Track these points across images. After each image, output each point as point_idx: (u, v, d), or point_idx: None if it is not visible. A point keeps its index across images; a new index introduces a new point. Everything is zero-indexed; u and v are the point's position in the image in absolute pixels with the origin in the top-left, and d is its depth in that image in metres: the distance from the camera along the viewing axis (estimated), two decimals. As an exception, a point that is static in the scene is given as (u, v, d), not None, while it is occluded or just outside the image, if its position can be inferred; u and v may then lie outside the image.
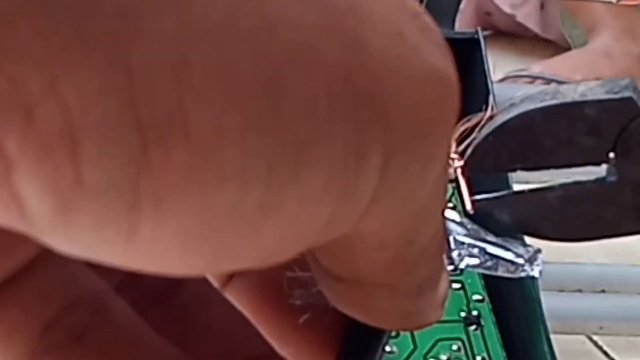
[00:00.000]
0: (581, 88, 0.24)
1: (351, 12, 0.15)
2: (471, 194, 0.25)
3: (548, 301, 0.55)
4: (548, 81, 1.01)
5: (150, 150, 0.13)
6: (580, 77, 1.05)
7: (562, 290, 0.60)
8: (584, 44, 1.14)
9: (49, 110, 0.13)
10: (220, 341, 0.20)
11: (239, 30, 0.14)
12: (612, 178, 0.23)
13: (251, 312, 0.20)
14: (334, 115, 0.14)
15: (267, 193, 0.14)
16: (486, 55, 0.37)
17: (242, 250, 0.15)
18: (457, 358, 0.33)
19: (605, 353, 0.60)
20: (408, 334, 0.33)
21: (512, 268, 0.24)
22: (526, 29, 1.21)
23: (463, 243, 0.24)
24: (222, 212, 0.14)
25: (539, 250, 0.24)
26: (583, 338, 0.61)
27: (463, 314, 0.34)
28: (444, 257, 0.19)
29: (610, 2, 1.08)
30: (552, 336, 0.55)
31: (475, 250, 0.24)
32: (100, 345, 0.18)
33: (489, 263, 0.24)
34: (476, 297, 0.35)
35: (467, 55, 0.38)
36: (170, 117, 0.13)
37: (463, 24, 1.13)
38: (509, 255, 0.24)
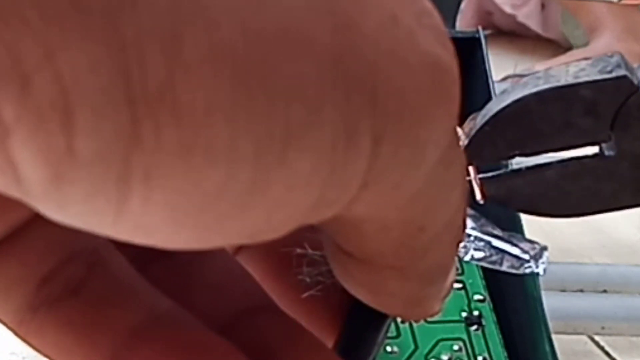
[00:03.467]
0: (572, 69, 0.23)
1: None
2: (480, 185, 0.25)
3: (550, 301, 0.54)
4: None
5: (140, 124, 0.13)
6: (582, 77, 1.05)
7: (563, 290, 0.60)
8: (586, 44, 1.14)
9: (44, 80, 0.13)
10: (217, 293, 0.20)
11: (231, 9, 0.14)
12: (610, 152, 0.23)
13: (258, 281, 0.20)
14: (323, 99, 0.14)
15: (255, 175, 0.14)
16: (487, 54, 0.37)
17: (230, 227, 0.15)
18: (458, 358, 0.33)
19: (607, 353, 0.60)
20: (409, 333, 0.33)
21: (517, 264, 0.24)
22: (527, 28, 1.21)
23: (469, 235, 0.24)
24: (210, 191, 0.14)
25: (545, 248, 0.24)
26: (585, 338, 0.60)
27: (464, 314, 0.34)
28: (459, 247, 0.19)
29: (612, 2, 1.08)
30: (553, 336, 0.55)
31: (481, 244, 0.24)
32: (95, 298, 0.19)
33: (494, 257, 0.24)
34: (477, 297, 0.35)
35: (468, 54, 0.38)
36: (161, 93, 0.13)
37: (464, 23, 1.13)
38: (514, 251, 0.24)
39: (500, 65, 0.98)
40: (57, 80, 0.13)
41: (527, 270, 0.24)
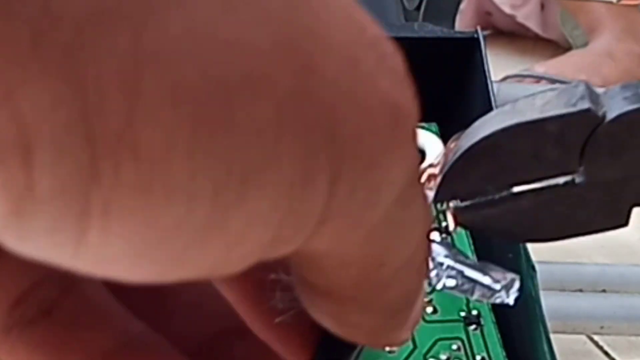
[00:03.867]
0: (539, 102, 0.24)
1: (307, 37, 0.15)
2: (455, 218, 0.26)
3: (549, 301, 0.54)
4: (552, 81, 1.01)
5: (100, 163, 0.14)
6: (584, 77, 1.05)
7: (562, 290, 0.60)
8: (585, 44, 1.14)
9: (4, 119, 0.13)
10: (191, 317, 0.21)
11: (193, 52, 0.14)
12: (581, 180, 0.23)
13: (232, 304, 0.20)
14: (282, 141, 0.15)
15: (213, 212, 0.15)
16: (486, 55, 0.37)
17: (189, 262, 0.15)
18: (456, 358, 0.33)
19: (606, 353, 0.60)
20: (408, 333, 0.33)
21: (488, 293, 0.25)
22: (526, 29, 1.21)
23: (442, 264, 0.24)
24: (168, 226, 0.15)
25: (515, 278, 0.25)
26: (584, 338, 0.60)
27: (463, 314, 0.34)
28: (424, 280, 0.19)
29: (611, 2, 1.08)
30: (552, 336, 0.55)
31: (454, 272, 0.24)
32: (68, 320, 0.19)
33: (466, 286, 0.25)
34: (476, 296, 0.35)
35: (467, 55, 0.38)
36: (120, 134, 0.14)
37: (463, 24, 1.13)
38: (486, 280, 0.25)
39: (500, 66, 0.98)
40: (17, 118, 0.13)
41: (498, 300, 0.25)
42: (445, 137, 0.39)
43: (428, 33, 0.39)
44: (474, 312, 0.34)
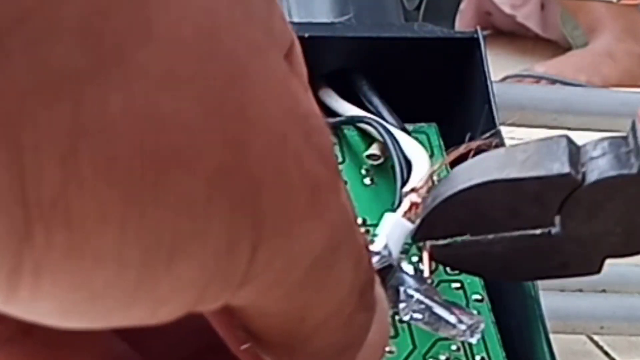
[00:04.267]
0: (520, 156, 0.24)
1: (238, 115, 0.16)
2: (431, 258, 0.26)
3: (549, 301, 0.54)
4: (552, 81, 1.01)
5: (33, 226, 0.14)
6: (583, 77, 1.05)
7: (562, 290, 0.60)
8: (585, 44, 1.14)
9: None
10: (172, 335, 0.21)
11: (130, 128, 0.14)
12: (558, 231, 0.24)
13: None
14: (210, 213, 0.15)
15: (141, 278, 0.15)
16: (486, 55, 0.37)
17: (116, 318, 0.16)
18: (456, 358, 0.33)
19: (607, 353, 0.60)
20: (407, 333, 0.33)
21: (453, 332, 0.25)
22: (527, 29, 1.21)
23: (411, 296, 0.25)
24: (97, 289, 0.15)
25: (481, 320, 0.26)
26: (584, 338, 0.60)
27: (462, 314, 0.34)
28: (361, 332, 0.20)
29: (611, 2, 1.08)
30: (552, 336, 0.54)
31: (422, 307, 0.25)
32: (47, 339, 0.19)
33: (432, 321, 0.25)
34: (476, 296, 0.35)
35: (467, 55, 0.38)
36: (54, 201, 0.14)
37: (463, 24, 1.13)
38: (452, 319, 0.25)
39: (500, 66, 0.98)
40: None
41: (461, 339, 0.25)
42: (445, 138, 0.39)
43: (428, 33, 0.38)
44: (474, 313, 0.34)
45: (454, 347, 0.33)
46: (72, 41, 0.14)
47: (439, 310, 0.25)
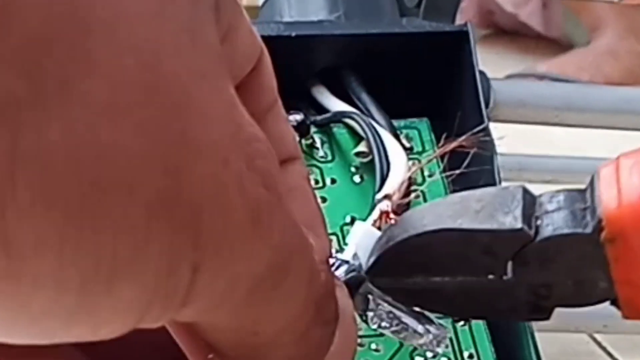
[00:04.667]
0: (474, 206, 0.24)
1: (180, 141, 0.16)
2: None
3: (551, 300, 0.54)
4: (554, 80, 1.00)
5: None
6: (586, 75, 1.05)
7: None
8: (587, 43, 1.14)
9: None
10: (135, 349, 0.21)
11: (69, 156, 0.14)
12: (509, 278, 0.24)
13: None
14: (150, 238, 0.15)
15: (80, 300, 0.15)
16: (475, 48, 0.37)
17: (58, 337, 0.16)
18: (444, 355, 0.33)
19: (609, 354, 0.60)
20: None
21: (420, 341, 0.26)
22: (529, 27, 1.21)
23: (379, 305, 0.25)
24: (36, 312, 0.15)
25: (447, 332, 0.26)
26: (586, 338, 0.60)
27: (451, 310, 0.34)
28: (320, 342, 0.20)
29: (613, 2, 1.08)
30: (554, 335, 0.54)
31: (390, 315, 0.25)
32: (21, 351, 0.19)
33: (399, 330, 0.25)
34: (465, 293, 0.34)
35: (456, 48, 0.37)
36: None
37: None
38: (419, 329, 0.25)
39: (502, 64, 0.97)
40: None
41: (425, 348, 0.26)
42: (436, 133, 0.38)
43: (416, 28, 0.38)
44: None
45: (441, 344, 0.33)
46: (11, 70, 0.14)
47: (407, 319, 0.25)
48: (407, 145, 0.38)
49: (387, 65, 0.39)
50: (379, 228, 0.28)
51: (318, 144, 0.37)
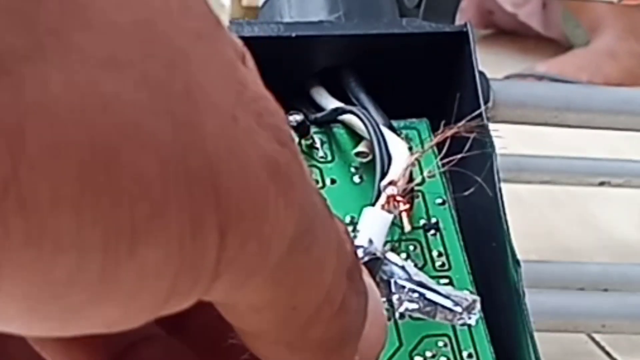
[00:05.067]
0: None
1: (185, 96, 0.16)
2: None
3: (550, 300, 0.54)
4: (554, 80, 1.00)
5: None
6: (585, 76, 1.05)
7: (564, 289, 0.59)
8: (586, 43, 1.14)
9: None
10: None
11: (74, 107, 0.14)
12: None
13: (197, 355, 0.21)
14: (168, 193, 0.15)
15: (105, 265, 0.15)
16: (475, 48, 0.37)
17: (84, 319, 0.16)
18: (443, 354, 0.33)
19: (608, 353, 0.60)
20: (394, 330, 0.33)
21: (450, 316, 0.25)
22: (528, 27, 1.21)
23: (403, 287, 0.25)
24: (61, 279, 0.15)
25: (477, 300, 0.25)
26: (585, 338, 0.60)
27: (451, 310, 0.34)
28: (355, 317, 0.20)
29: (612, 2, 1.08)
30: (553, 335, 0.54)
31: (415, 295, 0.25)
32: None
33: (428, 309, 0.25)
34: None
35: (456, 49, 0.38)
36: (5, 185, 0.14)
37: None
38: (447, 303, 0.25)
39: (501, 64, 0.98)
40: None
41: (460, 322, 0.25)
42: (436, 134, 0.38)
43: (416, 28, 0.38)
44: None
45: (440, 344, 0.33)
46: (4, 22, 0.14)
47: (433, 296, 0.25)
48: (407, 145, 0.38)
49: (386, 66, 0.39)
50: (389, 212, 0.28)
51: (318, 145, 0.37)
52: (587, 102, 0.57)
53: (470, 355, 0.33)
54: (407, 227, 0.31)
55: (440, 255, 0.35)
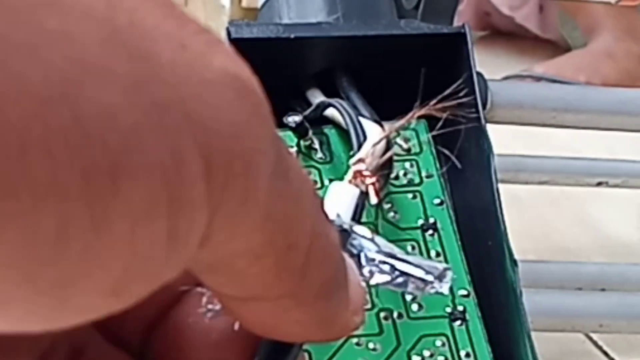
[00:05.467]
0: None
1: (132, 28, 0.15)
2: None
3: (548, 299, 0.54)
4: (552, 82, 1.00)
5: None
6: (583, 77, 1.05)
7: (562, 288, 0.60)
8: (584, 44, 1.14)
9: None
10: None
11: (28, 43, 0.14)
12: None
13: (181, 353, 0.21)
14: (139, 124, 0.15)
15: (92, 211, 0.14)
16: (472, 50, 0.37)
17: (87, 283, 0.15)
18: (441, 354, 0.33)
19: (605, 353, 0.60)
20: (392, 330, 0.33)
21: (421, 285, 0.25)
22: (525, 30, 1.21)
23: (373, 260, 0.25)
24: (50, 237, 0.14)
25: (448, 268, 0.25)
26: (582, 337, 0.60)
27: (448, 310, 0.34)
28: (342, 255, 0.20)
29: (609, 3, 1.08)
30: (551, 335, 0.54)
31: (386, 267, 0.25)
32: None
33: (399, 280, 0.25)
34: (462, 292, 0.35)
35: (453, 50, 0.38)
36: None
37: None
38: (418, 273, 0.25)
39: (500, 66, 0.98)
40: None
41: (432, 291, 0.25)
42: (433, 136, 0.38)
43: (414, 30, 0.38)
44: (460, 308, 0.34)
45: (438, 343, 0.33)
46: None
47: (404, 266, 0.25)
48: (405, 146, 0.38)
49: (384, 67, 0.39)
50: (356, 186, 0.28)
51: (316, 146, 0.37)
52: (585, 103, 0.57)
53: (467, 355, 0.33)
54: (374, 199, 0.31)
55: (438, 255, 0.35)
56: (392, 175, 0.37)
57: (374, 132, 0.34)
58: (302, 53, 0.40)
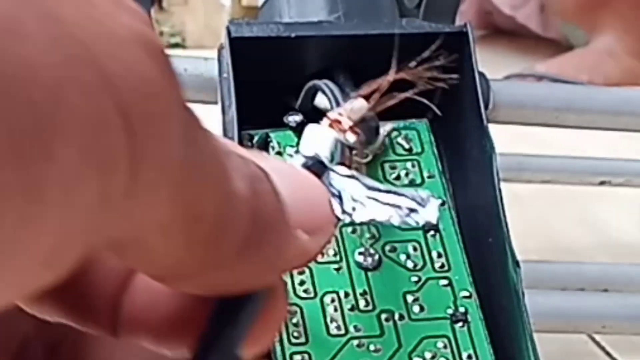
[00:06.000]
0: None
1: None
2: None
3: (550, 300, 0.54)
4: (553, 81, 1.00)
5: None
6: (585, 76, 1.05)
7: (564, 289, 0.59)
8: (586, 43, 1.14)
9: None
10: None
11: None
12: None
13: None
14: (61, 79, 0.15)
15: (25, 177, 0.14)
16: (474, 48, 0.37)
17: (20, 255, 0.15)
18: (442, 356, 0.33)
19: (608, 353, 0.60)
20: (393, 332, 0.33)
21: (406, 213, 0.24)
22: (527, 29, 1.21)
23: (355, 198, 0.24)
24: None
25: (433, 196, 0.24)
26: (585, 338, 0.60)
27: (450, 311, 0.34)
28: (270, 188, 0.19)
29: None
30: (554, 335, 0.54)
31: (370, 202, 0.24)
32: None
33: (384, 214, 0.24)
34: (464, 293, 0.34)
35: (456, 50, 0.37)
36: None
37: (464, 23, 1.12)
38: (402, 201, 0.24)
39: (501, 65, 0.98)
40: None
41: (419, 219, 0.24)
42: (436, 135, 0.38)
43: (416, 28, 0.38)
44: (462, 310, 0.33)
45: (440, 345, 0.32)
46: None
47: (388, 197, 0.24)
48: (407, 146, 0.38)
49: (386, 66, 0.39)
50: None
51: (317, 145, 0.37)
52: (587, 102, 0.56)
53: (469, 357, 0.33)
54: (352, 139, 0.31)
55: (439, 256, 0.34)
56: (394, 176, 0.37)
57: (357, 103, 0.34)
58: (302, 52, 0.39)
